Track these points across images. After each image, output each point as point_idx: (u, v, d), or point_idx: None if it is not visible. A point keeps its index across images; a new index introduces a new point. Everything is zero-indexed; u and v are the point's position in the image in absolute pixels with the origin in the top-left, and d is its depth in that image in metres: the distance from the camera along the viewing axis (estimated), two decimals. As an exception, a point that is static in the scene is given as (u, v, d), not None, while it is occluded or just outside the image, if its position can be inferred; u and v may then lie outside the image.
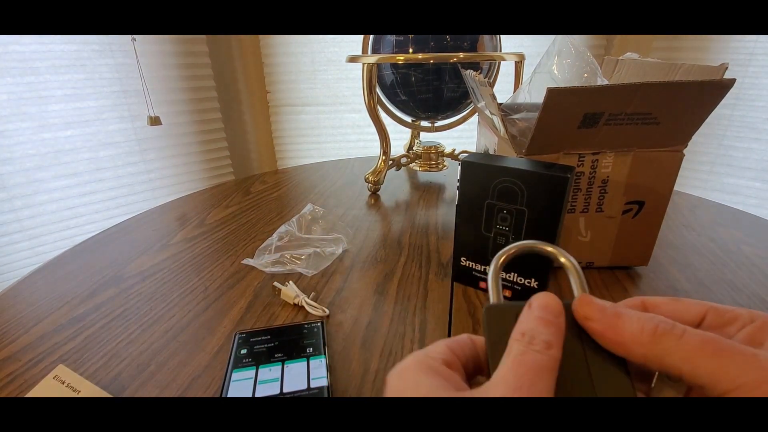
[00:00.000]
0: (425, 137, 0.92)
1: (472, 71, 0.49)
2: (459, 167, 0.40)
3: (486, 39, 0.66)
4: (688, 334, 0.15)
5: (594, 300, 0.17)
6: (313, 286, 0.47)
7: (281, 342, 0.36)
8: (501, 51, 0.69)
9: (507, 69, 0.74)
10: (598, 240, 0.47)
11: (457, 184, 0.41)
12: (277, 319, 0.42)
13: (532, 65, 0.55)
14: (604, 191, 0.44)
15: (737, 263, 0.50)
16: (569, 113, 0.39)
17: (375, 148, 0.86)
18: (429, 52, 0.64)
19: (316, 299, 0.44)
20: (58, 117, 1.05)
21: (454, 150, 0.85)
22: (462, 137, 1.37)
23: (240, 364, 0.34)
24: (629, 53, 0.56)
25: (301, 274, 0.49)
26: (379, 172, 0.75)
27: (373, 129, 0.72)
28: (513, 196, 0.38)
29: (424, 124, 0.80)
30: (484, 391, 0.16)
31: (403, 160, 0.81)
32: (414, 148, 0.83)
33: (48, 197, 1.09)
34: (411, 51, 0.65)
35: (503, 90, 0.60)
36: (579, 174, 0.44)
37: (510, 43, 1.29)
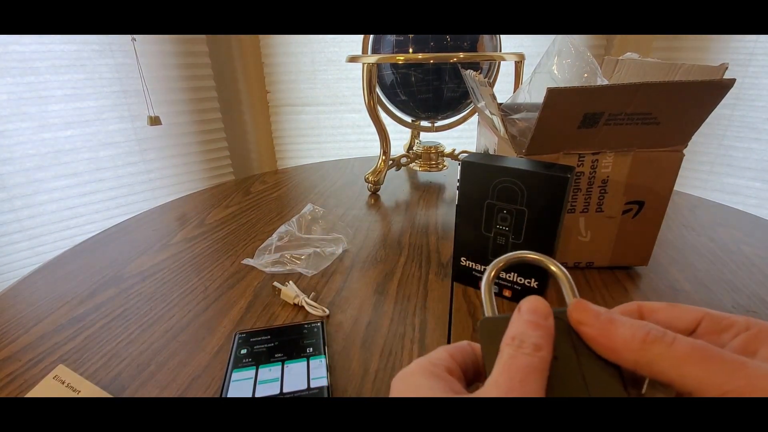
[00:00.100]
0: (425, 137, 0.92)
1: (472, 71, 0.49)
2: (459, 167, 0.40)
3: (486, 39, 0.66)
4: (678, 341, 0.15)
5: (589, 305, 0.17)
6: (313, 286, 0.47)
7: (281, 342, 0.36)
8: (501, 51, 0.69)
9: (507, 69, 0.74)
10: (598, 240, 0.47)
11: (457, 184, 0.41)
12: (277, 319, 0.42)
13: (532, 65, 0.55)
14: (604, 191, 0.44)
15: (737, 263, 0.50)
16: (569, 113, 0.39)
17: (375, 148, 0.86)
18: (429, 52, 0.64)
19: (316, 299, 0.44)
20: (58, 117, 1.05)
21: (454, 150, 0.85)
22: (462, 137, 1.37)
23: (240, 364, 0.34)
24: (629, 53, 0.56)
25: (301, 274, 0.49)
26: (379, 172, 0.75)
27: (373, 129, 0.72)
28: (513, 196, 0.38)
29: (424, 124, 0.80)
30: (477, 394, 0.16)
31: (403, 160, 0.81)
32: (414, 148, 0.83)
33: (48, 197, 1.09)
34: (411, 51, 0.65)
35: (503, 90, 0.60)
36: (579, 174, 0.44)
37: (510, 43, 1.29)
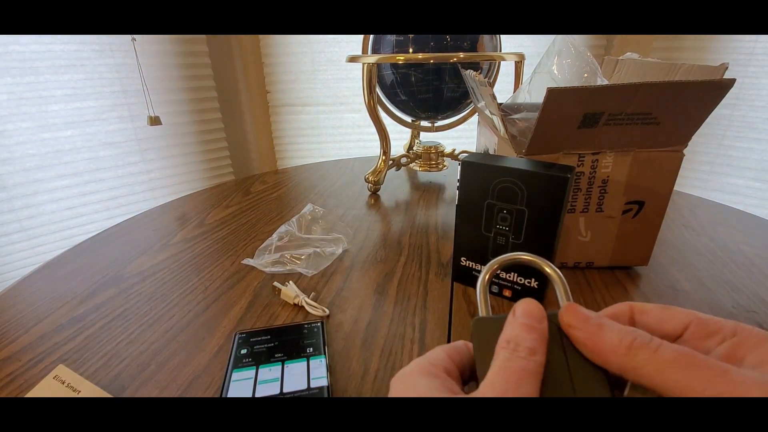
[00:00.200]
0: (425, 137, 0.92)
1: (472, 71, 0.49)
2: (459, 167, 0.40)
3: (486, 39, 0.66)
4: (663, 347, 0.15)
5: (579, 309, 0.18)
6: (313, 286, 0.47)
7: (281, 342, 0.36)
8: (501, 51, 0.69)
9: (507, 69, 0.74)
10: (598, 240, 0.47)
11: (457, 184, 0.41)
12: (277, 319, 0.42)
13: (532, 65, 0.55)
14: (604, 191, 0.44)
15: (737, 263, 0.50)
16: (569, 113, 0.39)
17: (375, 148, 0.86)
18: (429, 52, 0.64)
19: (316, 299, 0.44)
20: (58, 117, 1.05)
21: (454, 150, 0.85)
22: (462, 137, 1.37)
23: (240, 364, 0.34)
24: (629, 53, 0.56)
25: (301, 274, 0.49)
26: (379, 172, 0.75)
27: (373, 129, 0.72)
28: (513, 196, 0.38)
29: (424, 124, 0.80)
30: (473, 395, 0.16)
31: (403, 160, 0.81)
32: (414, 148, 0.83)
33: (48, 197, 1.09)
34: (411, 51, 0.65)
35: (503, 90, 0.60)
36: (579, 174, 0.44)
37: (510, 43, 1.29)
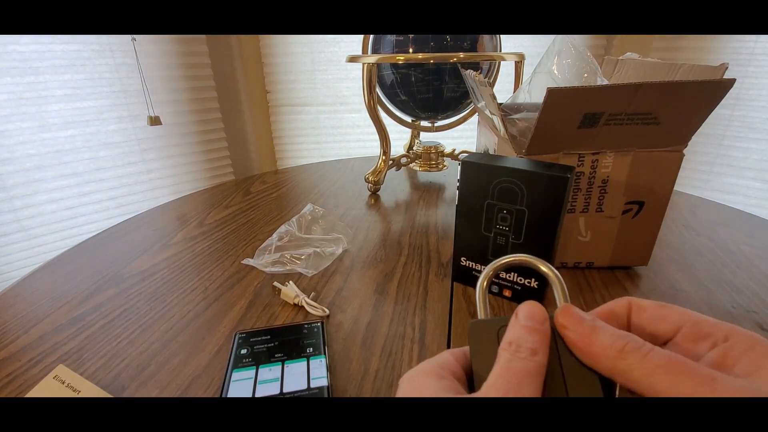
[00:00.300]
0: (425, 137, 0.92)
1: (472, 71, 0.49)
2: (459, 167, 0.40)
3: (486, 39, 0.66)
4: (653, 353, 0.15)
5: (575, 311, 0.18)
6: (313, 286, 0.47)
7: (281, 342, 0.36)
8: (501, 51, 0.69)
9: (507, 69, 0.74)
10: (598, 240, 0.47)
11: (457, 184, 0.41)
12: (277, 319, 0.42)
13: (532, 65, 0.55)
14: (604, 191, 0.44)
15: (737, 263, 0.50)
16: (569, 113, 0.39)
17: (375, 148, 0.86)
18: (429, 52, 0.64)
19: (316, 299, 0.44)
20: (58, 117, 1.05)
21: (454, 150, 0.85)
22: (462, 137, 1.37)
23: (240, 364, 0.34)
24: (629, 53, 0.56)
25: (301, 274, 0.49)
26: (379, 172, 0.75)
27: (373, 129, 0.72)
28: (513, 196, 0.38)
29: (424, 124, 0.80)
30: (475, 396, 0.17)
31: (403, 160, 0.81)
32: (414, 148, 0.83)
33: (48, 197, 1.09)
34: (411, 51, 0.65)
35: (503, 90, 0.60)
36: (579, 174, 0.44)
37: (510, 43, 1.29)
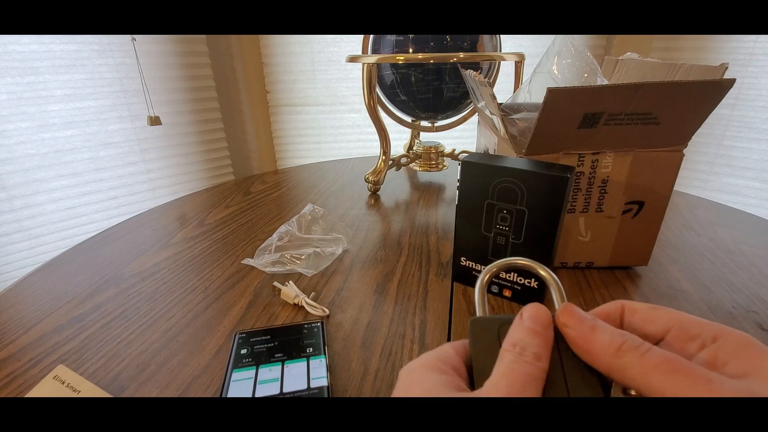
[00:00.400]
0: (425, 137, 0.92)
1: (472, 71, 0.49)
2: (459, 167, 0.40)
3: (486, 39, 0.66)
4: (650, 352, 0.16)
5: (575, 310, 0.18)
6: (313, 286, 0.47)
7: (281, 342, 0.36)
8: (501, 51, 0.69)
9: (507, 69, 0.74)
10: (598, 240, 0.47)
11: (457, 184, 0.41)
12: (277, 319, 0.42)
13: (532, 65, 0.55)
14: (604, 191, 0.44)
15: (737, 263, 0.50)
16: (569, 113, 0.39)
17: (375, 148, 0.86)
18: (429, 52, 0.64)
19: (316, 299, 0.44)
20: (58, 117, 1.05)
21: (454, 150, 0.85)
22: (462, 137, 1.37)
23: (240, 364, 0.34)
24: (629, 53, 0.56)
25: (301, 274, 0.49)
26: (379, 172, 0.75)
27: (373, 129, 0.72)
28: (513, 196, 0.38)
29: (424, 124, 0.80)
30: (477, 395, 0.17)
31: (403, 160, 0.81)
32: (414, 148, 0.83)
33: (48, 197, 1.09)
34: (411, 51, 0.65)
35: (503, 90, 0.60)
36: (579, 174, 0.44)
37: (510, 43, 1.29)
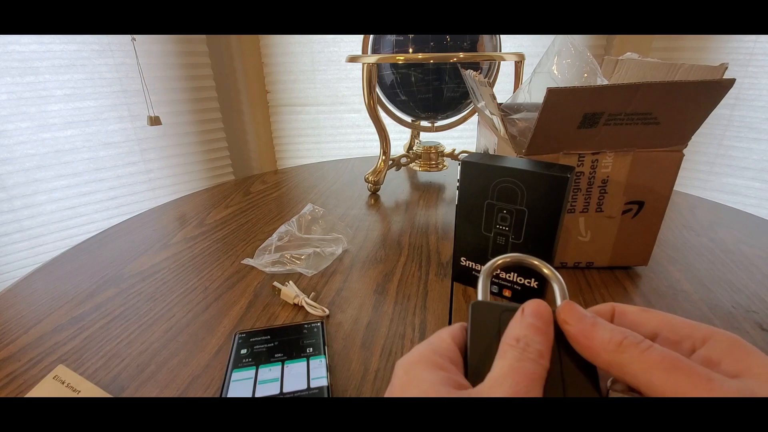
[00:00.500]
0: (425, 137, 0.92)
1: (472, 71, 0.49)
2: (459, 167, 0.40)
3: (486, 39, 0.66)
4: (652, 349, 0.15)
5: (576, 307, 0.18)
6: (313, 286, 0.47)
7: (281, 342, 0.36)
8: (501, 51, 0.69)
9: (507, 69, 0.74)
10: (598, 240, 0.47)
11: (457, 184, 0.41)
12: (277, 319, 0.42)
13: (532, 65, 0.55)
14: (604, 191, 0.44)
15: (737, 263, 0.50)
16: (569, 113, 0.39)
17: (375, 148, 0.86)
18: (429, 52, 0.64)
19: (316, 299, 0.44)
20: (58, 117, 1.05)
21: (454, 150, 0.85)
22: (462, 137, 1.37)
23: (240, 364, 0.34)
24: (629, 53, 0.56)
25: (301, 274, 0.49)
26: (379, 172, 0.75)
27: (373, 129, 0.72)
28: (513, 196, 0.38)
29: (424, 124, 0.80)
30: (480, 392, 0.16)
31: (403, 160, 0.81)
32: (414, 148, 0.83)
33: (48, 197, 1.09)
34: (411, 51, 0.65)
35: (503, 90, 0.60)
36: (579, 174, 0.44)
37: (510, 43, 1.29)
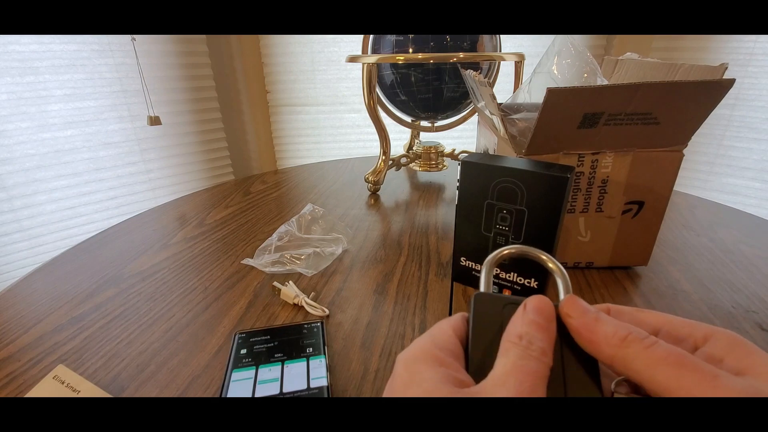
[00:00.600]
0: (425, 137, 0.92)
1: (472, 71, 0.49)
2: (459, 167, 0.40)
3: (486, 39, 0.66)
4: (656, 344, 0.15)
5: (579, 301, 0.18)
6: (313, 286, 0.47)
7: (281, 342, 0.36)
8: (501, 51, 0.69)
9: (507, 69, 0.74)
10: (598, 240, 0.47)
11: (457, 184, 0.41)
12: (277, 319, 0.42)
13: (532, 65, 0.55)
14: (603, 191, 0.44)
15: (737, 263, 0.50)
16: (569, 113, 0.39)
17: (375, 148, 0.86)
18: (429, 52, 0.64)
19: (315, 299, 0.44)
20: (58, 117, 1.05)
21: (454, 150, 0.85)
22: (462, 137, 1.37)
23: (240, 364, 0.34)
24: (629, 53, 0.56)
25: (301, 274, 0.49)
26: (379, 172, 0.75)
27: (373, 129, 0.72)
28: (513, 196, 0.38)
29: (424, 124, 0.80)
30: (483, 391, 0.16)
31: (403, 160, 0.81)
32: (414, 148, 0.83)
33: (48, 197, 1.09)
34: (411, 51, 0.65)
35: (503, 90, 0.60)
36: (579, 174, 0.44)
37: (510, 43, 1.29)
